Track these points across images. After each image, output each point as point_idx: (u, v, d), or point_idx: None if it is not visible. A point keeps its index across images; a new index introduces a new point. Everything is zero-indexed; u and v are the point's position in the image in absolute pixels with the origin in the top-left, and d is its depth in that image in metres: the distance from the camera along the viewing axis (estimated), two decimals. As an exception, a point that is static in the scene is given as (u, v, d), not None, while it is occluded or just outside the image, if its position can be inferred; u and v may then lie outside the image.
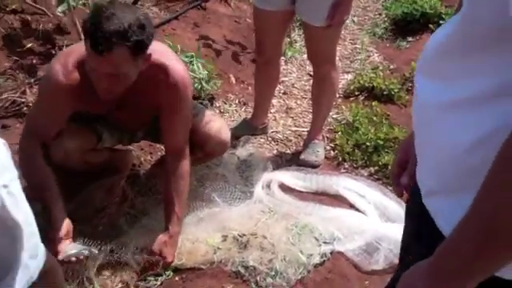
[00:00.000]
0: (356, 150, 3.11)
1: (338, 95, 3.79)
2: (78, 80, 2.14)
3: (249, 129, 3.29)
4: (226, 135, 2.61)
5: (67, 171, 2.35)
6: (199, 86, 3.38)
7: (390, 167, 2.92)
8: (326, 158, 3.15)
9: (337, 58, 4.26)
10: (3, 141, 1.18)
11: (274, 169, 2.95)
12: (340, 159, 3.11)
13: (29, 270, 1.24)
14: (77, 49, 2.20)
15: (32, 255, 1.26)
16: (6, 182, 1.13)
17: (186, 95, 2.28)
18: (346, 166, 3.06)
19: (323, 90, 3.04)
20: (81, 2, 3.28)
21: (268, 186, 2.77)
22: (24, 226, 1.19)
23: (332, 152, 3.19)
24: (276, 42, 3.04)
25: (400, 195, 1.31)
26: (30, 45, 3.28)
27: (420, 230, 1.11)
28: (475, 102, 0.90)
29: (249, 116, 3.39)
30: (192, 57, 3.44)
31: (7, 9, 3.39)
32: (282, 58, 4.06)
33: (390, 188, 2.81)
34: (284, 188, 2.77)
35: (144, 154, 2.95)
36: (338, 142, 3.22)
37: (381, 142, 3.08)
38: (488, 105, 0.86)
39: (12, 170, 1.19)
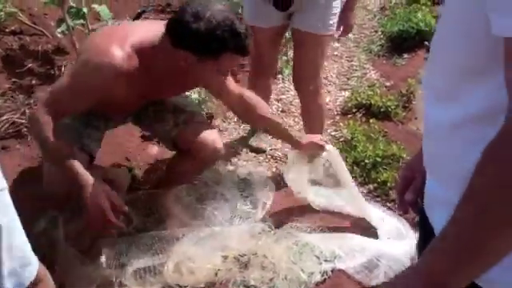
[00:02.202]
0: (355, 168, 3.12)
1: (336, 112, 3.83)
2: (137, 67, 2.17)
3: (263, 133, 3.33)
4: (221, 144, 2.66)
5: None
6: (198, 105, 3.40)
7: (388, 184, 2.93)
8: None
9: (334, 75, 4.34)
10: None
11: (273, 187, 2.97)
12: (339, 177, 3.12)
13: (19, 277, 1.25)
14: (123, 33, 2.22)
15: (24, 264, 1.27)
16: None
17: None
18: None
19: (319, 117, 3.11)
20: (79, 23, 3.30)
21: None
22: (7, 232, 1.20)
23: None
24: (271, 57, 3.08)
25: (405, 212, 1.32)
26: (29, 66, 3.30)
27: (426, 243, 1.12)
28: (477, 120, 0.92)
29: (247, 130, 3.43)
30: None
31: (6, 30, 3.42)
32: (280, 75, 4.11)
33: (389, 205, 2.82)
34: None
35: (141, 172, 2.97)
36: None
37: (379, 159, 3.09)
38: (490, 122, 0.86)
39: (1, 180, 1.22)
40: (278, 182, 3.05)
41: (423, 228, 1.13)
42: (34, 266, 1.32)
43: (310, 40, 2.82)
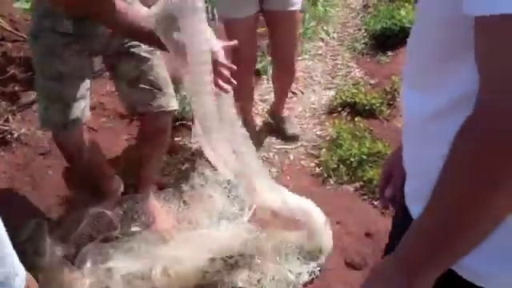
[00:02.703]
0: (341, 166, 3.13)
1: (321, 111, 3.84)
2: None
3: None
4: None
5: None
6: (184, 108, 3.39)
7: (375, 182, 2.94)
8: (311, 175, 3.17)
9: (318, 74, 4.35)
10: None
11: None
12: (325, 175, 3.12)
13: None
14: None
15: (10, 275, 1.26)
16: None
17: None
18: (332, 183, 3.08)
19: (290, 80, 3.43)
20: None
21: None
22: None
23: (317, 169, 3.21)
24: (250, 50, 3.10)
25: (385, 208, 1.35)
26: (11, 72, 3.28)
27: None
28: (451, 112, 0.92)
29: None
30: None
31: (-12, 37, 3.40)
32: (264, 76, 4.11)
33: (376, 203, 2.83)
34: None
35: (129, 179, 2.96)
36: (322, 159, 3.23)
37: (365, 157, 3.10)
38: (461, 114, 0.87)
39: None
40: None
41: (402, 220, 1.13)
42: (21, 277, 1.31)
43: (286, 17, 2.97)
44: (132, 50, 2.37)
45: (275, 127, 3.58)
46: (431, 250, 0.89)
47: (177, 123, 3.34)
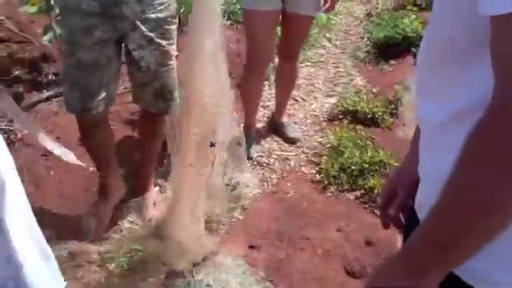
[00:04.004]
0: (341, 174, 3.14)
1: (322, 119, 3.85)
2: None
3: (250, 138, 3.41)
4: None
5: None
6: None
7: (376, 191, 2.95)
8: (311, 181, 3.18)
9: (320, 82, 4.37)
10: None
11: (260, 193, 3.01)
12: (326, 183, 3.13)
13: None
14: None
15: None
16: None
17: None
18: (332, 190, 3.09)
19: (292, 80, 3.48)
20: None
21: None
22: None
23: (317, 176, 3.22)
24: (267, 45, 3.16)
25: (386, 227, 1.30)
26: (16, 73, 3.30)
27: None
28: (462, 119, 0.91)
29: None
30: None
31: (-6, 38, 3.42)
32: (266, 82, 4.13)
33: (376, 211, 2.85)
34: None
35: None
36: (323, 166, 3.24)
37: (366, 166, 3.11)
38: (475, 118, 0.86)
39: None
40: (264, 189, 3.08)
41: (410, 225, 1.13)
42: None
43: (304, 21, 3.11)
44: (157, 40, 2.37)
45: (276, 133, 3.60)
46: (439, 249, 0.88)
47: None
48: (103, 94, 2.38)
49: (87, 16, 2.23)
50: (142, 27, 2.30)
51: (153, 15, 2.31)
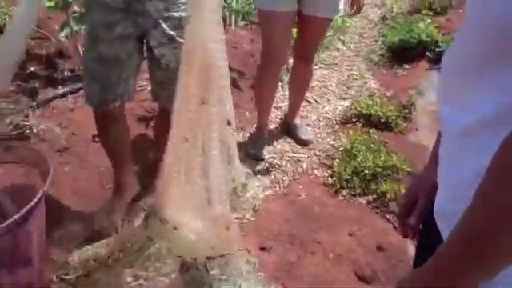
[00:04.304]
0: (354, 178, 3.13)
1: (335, 121, 3.85)
2: None
3: (263, 139, 3.46)
4: None
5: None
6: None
7: (388, 196, 2.95)
8: (323, 184, 3.19)
9: (333, 84, 4.37)
10: None
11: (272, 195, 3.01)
12: (338, 186, 3.13)
13: None
14: None
15: None
16: None
17: None
18: (344, 194, 3.09)
19: (307, 82, 3.51)
20: (83, 27, 3.32)
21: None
22: None
23: (330, 179, 3.22)
24: (283, 46, 3.17)
25: (405, 236, 1.30)
26: (32, 69, 3.32)
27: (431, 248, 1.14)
28: (488, 125, 0.90)
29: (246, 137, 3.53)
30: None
31: (11, 33, 3.43)
32: (280, 83, 4.13)
33: (388, 217, 2.84)
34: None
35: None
36: (335, 169, 3.24)
37: (379, 170, 3.11)
38: (501, 126, 0.84)
39: None
40: (276, 191, 3.09)
41: (426, 232, 1.13)
42: None
43: (321, 23, 3.12)
44: (178, 38, 2.36)
45: (288, 135, 3.61)
46: (472, 258, 0.87)
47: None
48: (122, 89, 2.40)
49: (110, 10, 2.25)
50: (164, 25, 2.30)
51: (176, 14, 2.31)
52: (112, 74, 2.36)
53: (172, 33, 2.33)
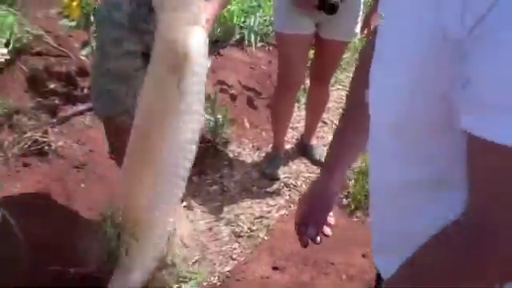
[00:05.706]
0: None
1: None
2: None
3: (278, 159, 3.47)
4: None
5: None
6: (214, 130, 3.45)
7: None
8: (338, 205, 3.18)
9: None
10: None
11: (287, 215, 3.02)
12: (352, 207, 3.13)
13: None
14: None
15: None
16: None
17: None
18: (359, 215, 3.09)
19: (323, 103, 3.53)
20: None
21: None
22: None
23: (345, 200, 3.22)
24: (300, 69, 3.20)
25: (305, 245, 1.36)
26: (52, 86, 3.38)
27: None
28: (422, 187, 0.95)
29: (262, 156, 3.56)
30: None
31: (32, 51, 3.50)
32: (296, 104, 4.15)
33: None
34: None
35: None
36: (350, 190, 3.24)
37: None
38: (431, 192, 0.92)
39: None
40: (290, 211, 3.09)
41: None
42: None
43: (338, 46, 3.16)
44: None
45: (304, 155, 3.62)
46: None
47: (207, 144, 3.40)
48: (130, 104, 2.42)
49: (117, 27, 2.28)
50: None
51: None
52: (119, 90, 2.38)
53: None
